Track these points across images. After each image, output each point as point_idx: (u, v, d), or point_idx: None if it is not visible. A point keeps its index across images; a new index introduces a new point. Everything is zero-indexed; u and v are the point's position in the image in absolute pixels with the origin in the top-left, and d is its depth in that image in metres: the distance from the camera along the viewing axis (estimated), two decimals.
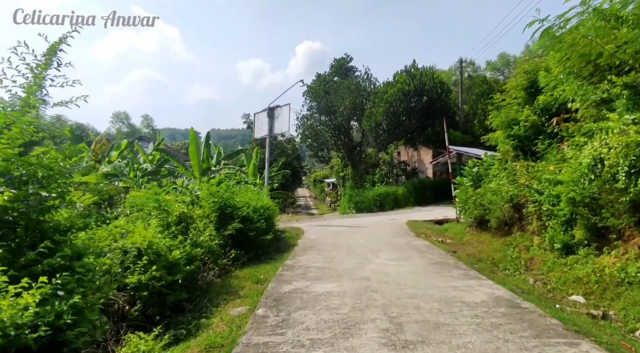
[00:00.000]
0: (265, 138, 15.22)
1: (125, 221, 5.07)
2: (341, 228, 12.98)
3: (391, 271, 6.26)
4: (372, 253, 7.95)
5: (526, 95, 10.11)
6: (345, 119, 29.43)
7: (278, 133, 15.07)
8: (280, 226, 14.66)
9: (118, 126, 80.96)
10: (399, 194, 23.41)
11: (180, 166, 21.89)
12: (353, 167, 32.11)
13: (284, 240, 10.38)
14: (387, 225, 13.62)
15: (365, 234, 11.23)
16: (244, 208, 8.01)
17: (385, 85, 24.45)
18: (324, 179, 62.11)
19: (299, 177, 45.21)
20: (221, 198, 7.65)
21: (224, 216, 7.56)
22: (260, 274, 6.47)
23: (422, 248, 8.55)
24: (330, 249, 8.58)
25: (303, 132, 29.91)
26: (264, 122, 15.10)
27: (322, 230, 12.90)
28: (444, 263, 6.89)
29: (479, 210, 10.17)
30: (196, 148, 21.08)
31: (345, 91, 28.78)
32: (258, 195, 9.91)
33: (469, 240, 10.65)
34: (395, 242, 9.49)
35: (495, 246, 9.16)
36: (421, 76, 23.12)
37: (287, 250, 8.77)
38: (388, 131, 22.71)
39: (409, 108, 22.27)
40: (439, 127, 23.25)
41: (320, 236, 11.01)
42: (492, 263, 8.10)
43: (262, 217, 8.47)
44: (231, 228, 7.11)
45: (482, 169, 11.02)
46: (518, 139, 9.55)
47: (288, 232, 12.35)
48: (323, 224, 15.04)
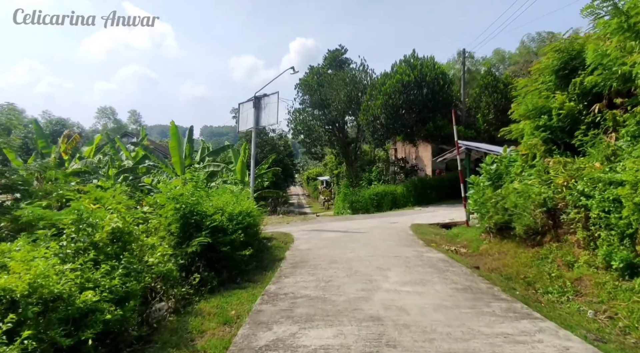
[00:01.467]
0: (251, 131, 13.48)
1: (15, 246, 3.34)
2: (337, 234, 11.33)
3: (409, 305, 4.61)
4: (379, 272, 6.30)
5: (557, 79, 8.53)
6: (340, 113, 27.77)
7: (265, 126, 13.35)
8: (268, 231, 12.97)
9: (104, 122, 78.17)
10: (398, 193, 21.83)
11: (161, 163, 20.04)
12: (348, 164, 30.48)
13: (270, 251, 8.69)
14: (389, 230, 12.00)
15: (365, 242, 9.58)
16: (217, 215, 6.30)
17: (383, 76, 22.81)
18: (317, 177, 60.61)
19: (291, 175, 43.50)
20: (185, 203, 5.92)
21: (188, 226, 5.84)
22: (231, 308, 4.77)
23: (438, 264, 6.92)
24: (325, 265, 6.91)
25: (295, 127, 28.20)
26: (250, 114, 13.37)
27: (314, 236, 11.23)
28: (476, 290, 5.25)
29: (500, 215, 8.57)
30: (177, 143, 19.25)
31: (340, 83, 27.10)
32: (237, 198, 8.20)
33: (487, 250, 9.07)
34: (403, 255, 7.85)
35: (524, 259, 7.56)
36: (421, 67, 21.52)
37: (272, 266, 7.08)
38: (386, 125, 21.08)
39: (408, 100, 20.66)
40: (440, 121, 21.71)
41: (313, 246, 9.34)
42: (526, 283, 6.51)
43: (240, 226, 6.77)
44: (195, 244, 5.40)
45: (502, 167, 9.43)
46: (550, 130, 7.98)
47: (276, 239, 10.66)
48: (316, 228, 13.37)
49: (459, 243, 10.36)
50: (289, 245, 9.72)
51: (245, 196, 9.34)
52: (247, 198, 9.25)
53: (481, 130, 22.62)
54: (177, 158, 19.30)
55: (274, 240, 10.44)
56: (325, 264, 7.01)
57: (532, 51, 75.94)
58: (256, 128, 13.29)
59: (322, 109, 28.47)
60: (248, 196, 9.69)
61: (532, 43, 76.75)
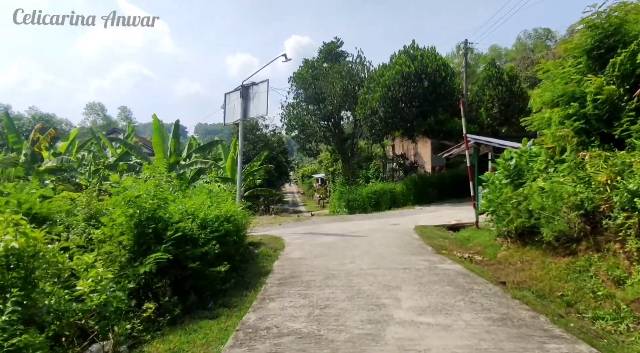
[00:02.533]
0: (242, 124, 12.15)
1: None
2: (333, 239, 10.08)
3: (435, 348, 3.37)
4: (387, 292, 5.06)
5: (589, 59, 7.33)
6: (336, 107, 26.48)
7: (254, 117, 12.05)
8: (257, 234, 11.70)
9: (93, 118, 76.03)
10: (397, 191, 20.63)
11: (143, 160, 18.64)
12: (344, 161, 29.24)
13: (256, 261, 7.42)
14: (391, 233, 10.78)
15: (366, 249, 8.35)
16: (185, 222, 5.02)
17: (382, 68, 21.55)
18: (312, 175, 59.38)
19: (285, 172, 42.16)
20: (141, 207, 4.62)
21: (145, 237, 4.55)
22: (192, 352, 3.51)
23: (458, 280, 5.70)
24: (320, 282, 5.66)
25: (289, 122, 26.84)
26: (237, 104, 12.06)
27: (308, 240, 9.98)
28: (518, 322, 4.02)
29: (524, 218, 7.38)
30: (161, 139, 17.87)
31: (336, 77, 25.80)
32: (216, 199, 6.93)
33: (507, 258, 7.89)
34: (413, 266, 6.62)
35: (556, 271, 6.37)
36: (422, 58, 20.28)
37: (256, 282, 5.81)
38: (385, 120, 19.84)
39: (409, 93, 19.42)
40: (442, 115, 20.52)
41: (306, 253, 8.09)
42: (565, 303, 5.32)
43: (215, 235, 5.51)
44: (149, 262, 4.11)
45: (523, 162, 8.24)
46: (584, 119, 6.79)
47: (264, 244, 9.40)
48: (310, 230, 12.12)
49: (472, 248, 9.18)
50: (279, 252, 8.45)
51: (226, 197, 8.05)
52: (229, 199, 7.98)
53: (484, 125, 21.48)
54: (161, 155, 17.94)
55: (262, 246, 9.18)
56: (321, 280, 5.76)
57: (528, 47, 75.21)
58: (244, 120, 11.97)
59: (317, 103, 27.15)
60: (230, 196, 8.41)
61: (528, 39, 76.01)
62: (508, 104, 20.68)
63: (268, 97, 11.47)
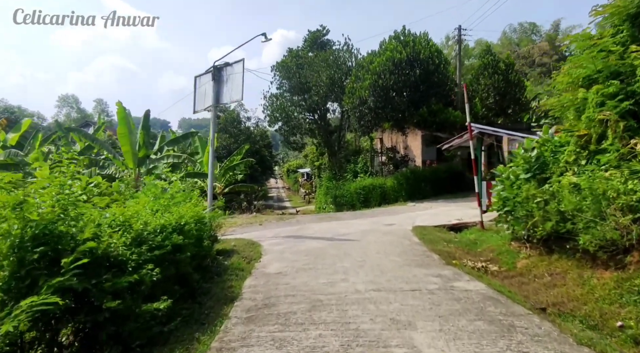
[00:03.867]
0: (214, 111, 10.45)
1: None
2: (320, 244, 8.58)
3: None
4: (397, 332, 3.60)
5: (633, 27, 5.99)
6: (322, 98, 24.89)
7: (227, 103, 10.39)
8: (232, 237, 10.12)
9: (66, 111, 72.16)
10: (388, 187, 19.28)
11: (109, 154, 16.72)
12: (331, 155, 27.75)
13: (221, 280, 5.85)
14: (387, 235, 9.36)
15: (360, 259, 6.88)
16: (103, 238, 3.42)
17: (371, 55, 20.04)
18: (297, 170, 57.91)
19: (269, 167, 40.42)
20: (23, 219, 2.99)
21: (26, 267, 2.93)
22: None
23: (488, 309, 4.27)
24: (302, 316, 4.13)
25: (271, 113, 25.11)
26: (208, 89, 10.38)
27: (291, 247, 8.45)
28: None
29: (553, 220, 6.03)
30: (127, 130, 15.97)
31: (322, 65, 24.19)
32: (167, 201, 5.32)
33: (529, 268, 6.56)
34: (424, 285, 5.18)
35: (602, 290, 5.02)
36: (414, 44, 18.85)
37: (215, 317, 4.26)
38: (375, 110, 18.38)
39: (400, 81, 17.98)
40: (435, 105, 19.19)
41: (287, 266, 6.56)
42: (632, 339, 3.97)
43: (157, 253, 3.92)
44: (18, 315, 2.50)
45: (548, 153, 6.89)
46: (632, 98, 5.46)
47: (238, 253, 7.84)
48: (294, 233, 10.60)
49: (482, 255, 7.83)
50: (254, 264, 6.91)
51: (189, 197, 6.43)
52: (193, 199, 6.37)
53: (479, 115, 20.27)
54: (128, 148, 16.05)
55: (235, 255, 7.61)
56: (304, 311, 4.24)
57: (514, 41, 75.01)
58: (216, 106, 10.29)
59: (302, 93, 25.50)
60: (197, 196, 6.78)
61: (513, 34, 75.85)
62: (504, 93, 19.51)
63: (244, 79, 9.84)
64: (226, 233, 12.54)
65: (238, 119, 32.88)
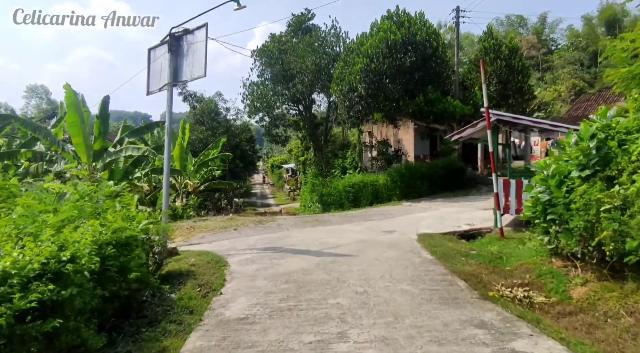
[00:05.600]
0: (170, 90, 8.23)
1: None
2: (305, 264, 6.59)
3: None
4: None
5: None
6: (307, 87, 22.81)
7: (187, 80, 8.21)
8: (195, 249, 8.04)
9: (35, 102, 67.60)
10: (380, 184, 17.41)
11: (55, 145, 14.27)
12: (317, 149, 25.75)
13: (149, 335, 3.77)
14: (389, 248, 7.45)
15: (362, 291, 4.92)
16: None
17: (362, 37, 18.06)
18: (282, 165, 55.87)
19: (252, 162, 38.06)
20: None
21: None
22: None
23: None
24: None
25: (251, 102, 22.87)
26: (164, 64, 8.19)
27: (266, 267, 6.43)
28: None
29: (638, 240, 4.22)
30: (79, 118, 13.54)
31: (307, 50, 22.09)
32: (56, 217, 3.22)
33: (591, 301, 4.80)
34: (468, 348, 3.27)
35: None
36: (410, 25, 16.95)
37: None
38: (366, 98, 16.44)
39: (394, 66, 16.07)
40: (432, 94, 17.36)
41: (257, 305, 4.55)
42: None
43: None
44: None
45: (613, 142, 5.09)
46: None
47: (193, 277, 5.80)
48: (273, 243, 8.58)
49: (515, 275, 6.00)
50: (211, 298, 4.87)
51: (81, 210, 4.30)
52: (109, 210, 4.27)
53: (479, 105, 18.57)
54: (81, 139, 13.63)
55: (189, 281, 5.57)
56: None
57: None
58: (174, 85, 8.11)
59: (286, 82, 23.33)
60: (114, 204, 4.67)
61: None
62: (506, 81, 17.85)
63: (207, 49, 7.69)
64: (193, 240, 10.45)
65: (216, 110, 30.44)
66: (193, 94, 32.16)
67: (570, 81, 47.98)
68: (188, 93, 31.99)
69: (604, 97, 29.35)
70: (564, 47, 68.02)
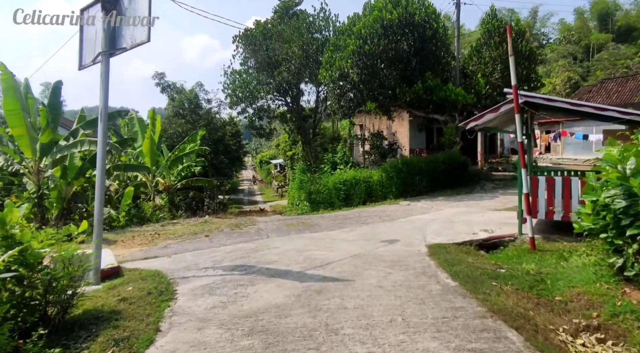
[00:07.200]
0: (105, 62, 6.29)
1: None
2: (282, 294, 4.81)
3: None
4: None
5: None
6: (293, 75, 20.90)
7: (127, 48, 6.28)
8: (143, 267, 6.18)
9: None
10: (374, 181, 15.69)
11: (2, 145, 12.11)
12: (305, 143, 23.89)
13: None
14: (395, 268, 5.69)
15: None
16: None
17: (354, 17, 16.21)
18: (270, 161, 54.11)
19: (237, 158, 35.99)
20: None
21: None
22: None
23: None
24: None
25: (233, 91, 20.86)
26: (99, 28, 6.24)
27: (227, 301, 4.60)
28: None
29: None
30: (19, 106, 11.37)
31: (294, 34, 20.16)
32: None
33: None
34: None
35: None
36: (407, 3, 15.17)
37: None
38: (359, 85, 14.64)
39: (390, 49, 14.30)
40: (431, 81, 15.64)
41: None
42: None
43: None
44: None
45: None
46: None
47: (115, 323, 3.93)
48: (245, 260, 6.76)
49: (571, 310, 4.31)
50: None
51: None
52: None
53: (482, 94, 16.96)
54: (22, 131, 11.48)
55: (101, 335, 3.69)
56: None
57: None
58: (110, 54, 6.18)
59: (270, 70, 21.38)
60: None
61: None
62: None
63: (151, 6, 5.77)
64: (154, 250, 8.55)
65: (196, 101, 28.26)
66: (172, 84, 29.89)
67: (565, 74, 47.02)
68: (167, 84, 29.71)
69: (607, 88, 28.17)
70: (556, 41, 66.99)
